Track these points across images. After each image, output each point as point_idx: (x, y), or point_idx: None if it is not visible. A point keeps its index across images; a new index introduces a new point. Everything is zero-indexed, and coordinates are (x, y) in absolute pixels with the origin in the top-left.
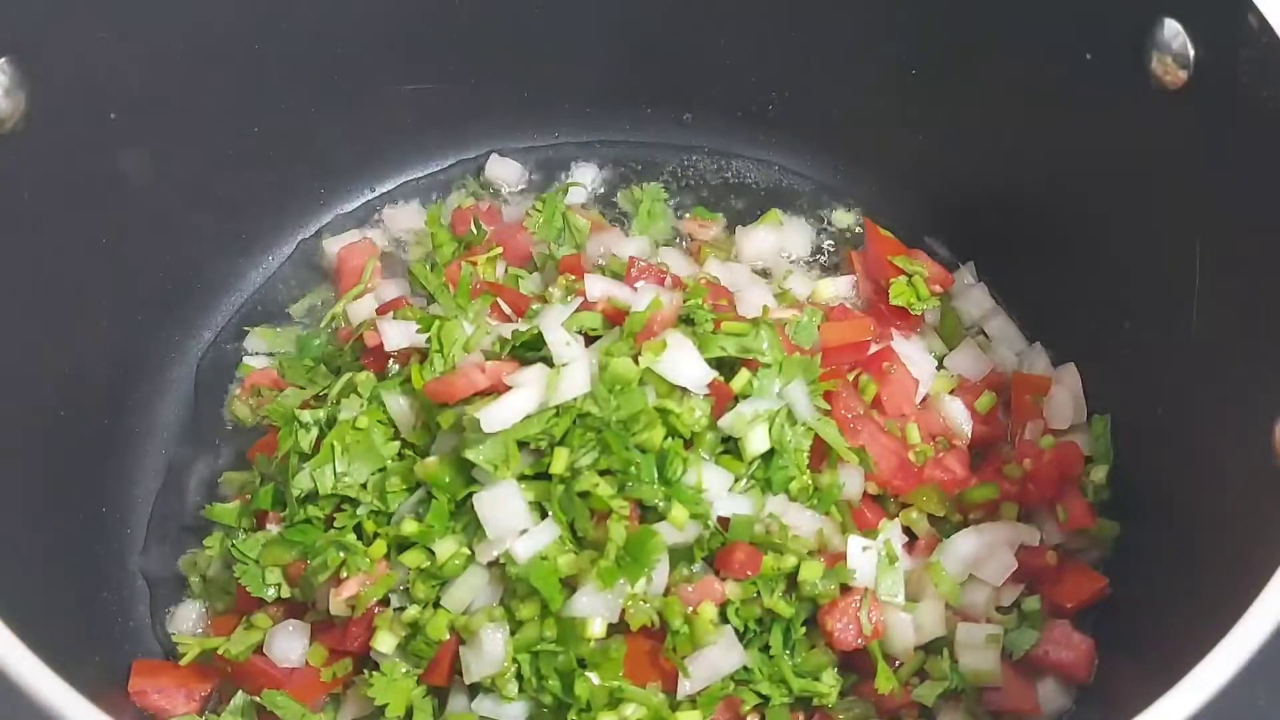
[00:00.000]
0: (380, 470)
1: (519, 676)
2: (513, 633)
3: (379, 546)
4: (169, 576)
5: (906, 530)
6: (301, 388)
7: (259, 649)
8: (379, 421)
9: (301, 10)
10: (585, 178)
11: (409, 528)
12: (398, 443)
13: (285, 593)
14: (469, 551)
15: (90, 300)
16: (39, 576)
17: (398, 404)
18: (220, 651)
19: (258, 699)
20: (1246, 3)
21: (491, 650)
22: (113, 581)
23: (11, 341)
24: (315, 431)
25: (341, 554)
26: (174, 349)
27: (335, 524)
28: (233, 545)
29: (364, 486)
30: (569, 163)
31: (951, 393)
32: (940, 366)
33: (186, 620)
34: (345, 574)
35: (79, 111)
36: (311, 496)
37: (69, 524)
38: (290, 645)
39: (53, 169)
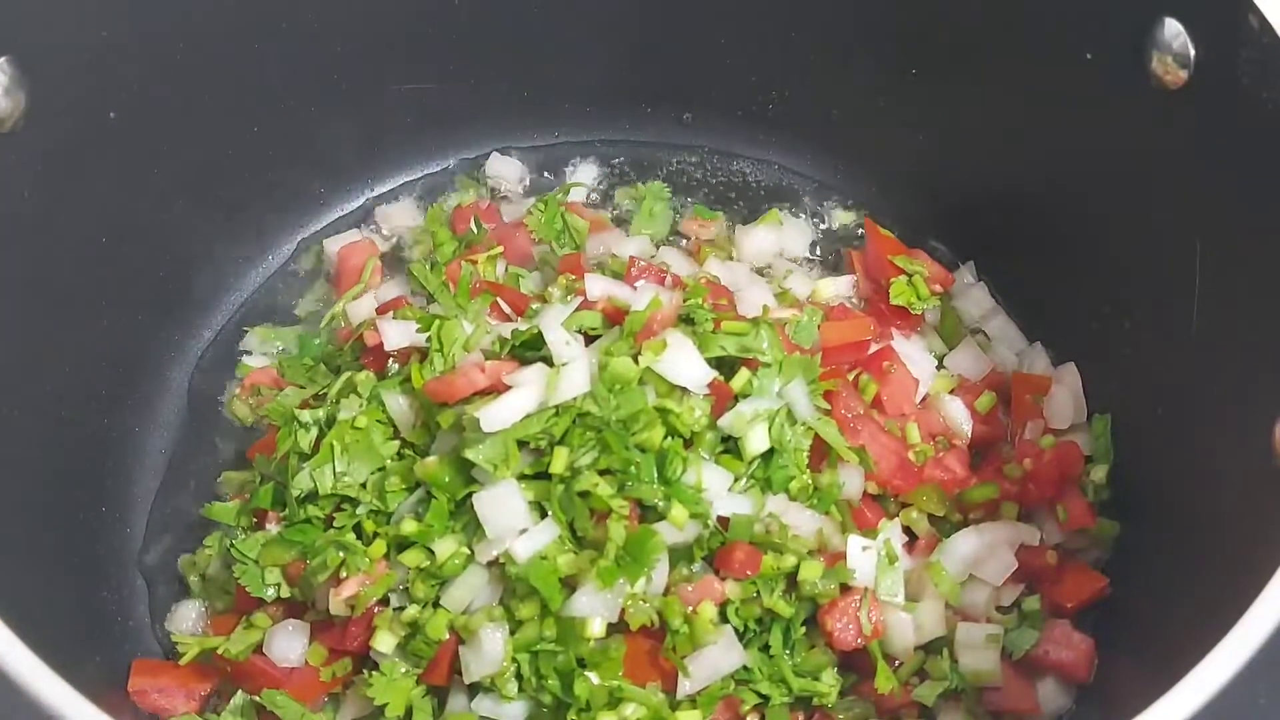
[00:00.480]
0: (380, 470)
1: (519, 676)
2: (512, 632)
3: (379, 546)
4: (169, 576)
5: (906, 530)
6: (301, 386)
7: (259, 648)
8: (378, 421)
9: (301, 10)
10: (586, 177)
11: (408, 527)
12: (397, 442)
13: (285, 593)
14: (469, 551)
15: (90, 299)
16: (39, 576)
17: (397, 403)
18: (220, 651)
19: (257, 699)
20: (1247, 3)
21: (491, 650)
22: (113, 581)
23: (11, 341)
24: (315, 431)
25: (341, 554)
26: (174, 348)
27: (335, 524)
28: (232, 545)
29: (363, 486)
30: (569, 161)
31: (951, 392)
32: (940, 366)
33: (186, 620)
34: (345, 574)
35: (79, 111)
36: (311, 496)
37: (69, 523)
38: (290, 645)
39: (53, 168)
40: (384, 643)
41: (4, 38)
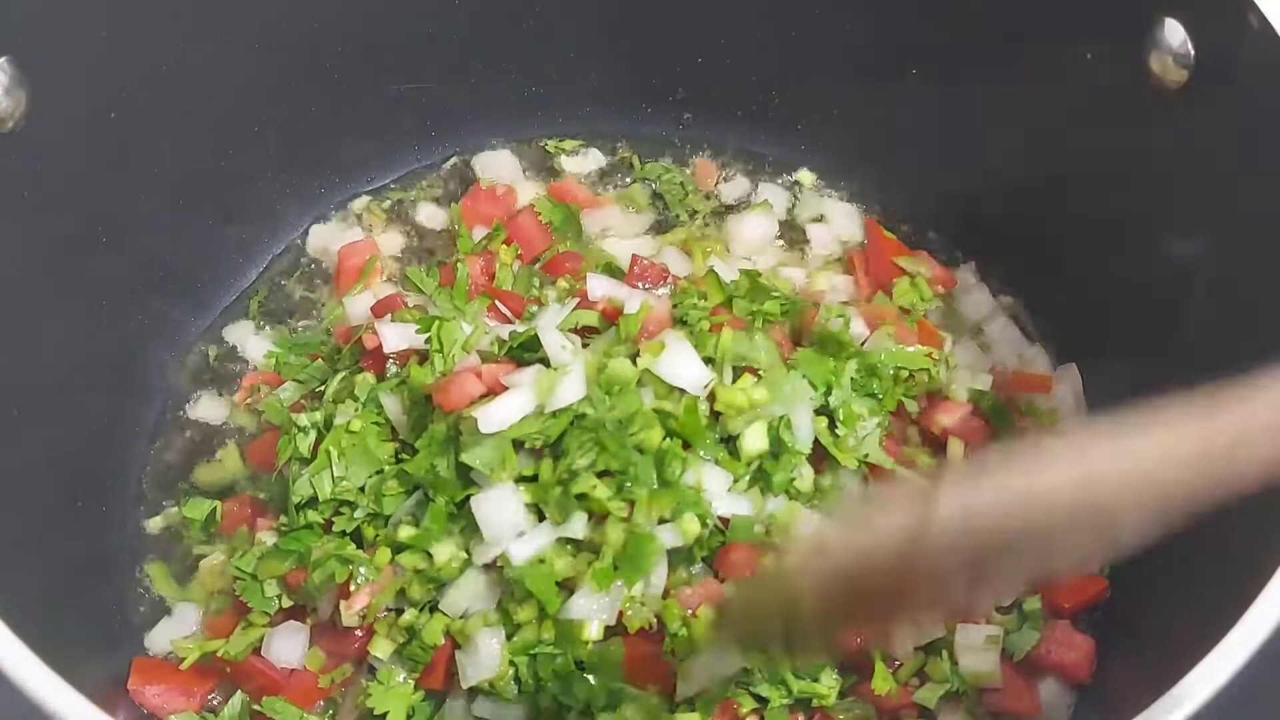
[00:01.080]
0: (378, 473)
1: (517, 679)
2: (511, 635)
3: (384, 554)
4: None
5: None
6: (301, 382)
7: (257, 648)
8: (374, 423)
9: (301, 10)
10: (587, 163)
11: (405, 533)
12: (394, 444)
13: (286, 602)
14: (466, 554)
15: (89, 300)
16: (39, 576)
17: (394, 405)
18: (219, 653)
19: (257, 707)
20: (1247, 2)
21: (488, 655)
22: (113, 581)
23: (9, 342)
24: (313, 435)
25: (348, 566)
26: (174, 347)
27: (333, 528)
28: (234, 565)
29: (361, 490)
30: (568, 158)
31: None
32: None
33: (183, 624)
34: (354, 586)
35: (79, 111)
36: (311, 502)
37: (69, 523)
38: (289, 646)
39: (52, 168)
40: (382, 649)
41: (4, 38)
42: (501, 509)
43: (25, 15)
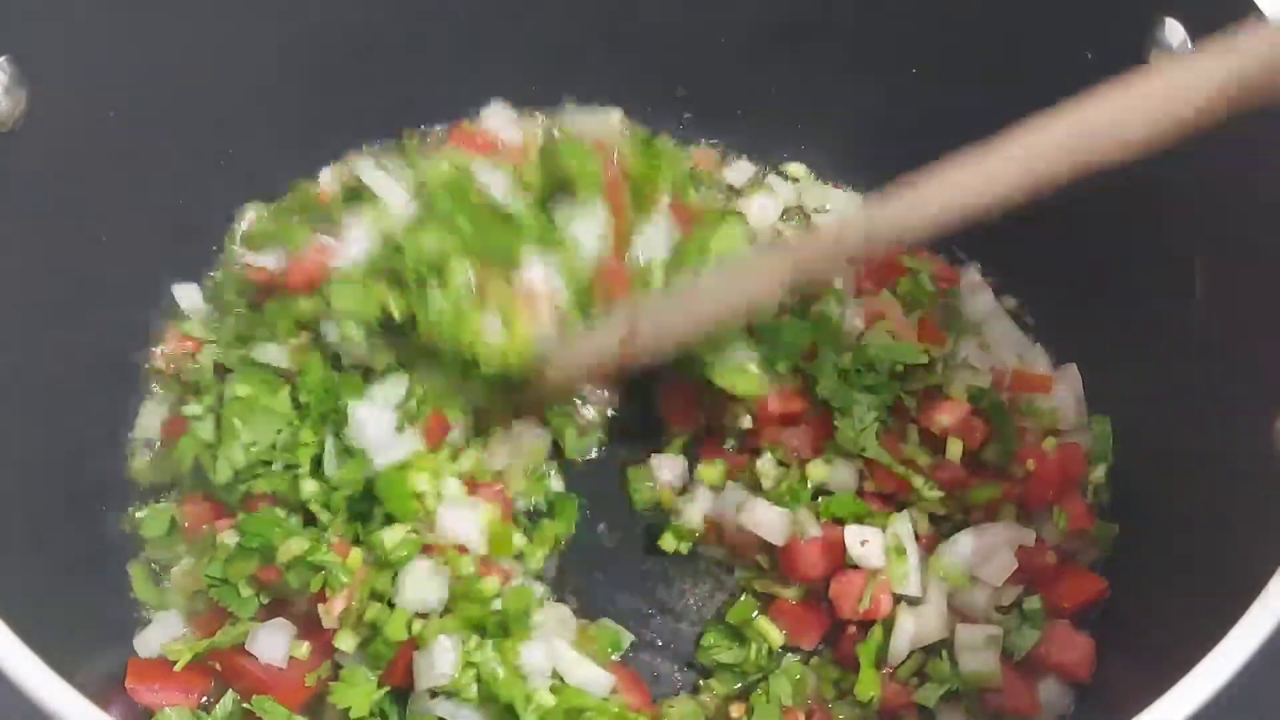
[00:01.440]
0: (287, 425)
1: (478, 681)
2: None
3: (356, 557)
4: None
5: None
6: (212, 342)
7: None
8: (261, 380)
9: (302, 10)
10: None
11: (309, 487)
12: (286, 389)
13: (265, 599)
14: (416, 535)
15: (89, 299)
16: (39, 576)
17: (272, 343)
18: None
19: (247, 706)
20: (1247, 2)
21: (442, 663)
22: (112, 581)
23: (7, 342)
24: (210, 418)
25: (322, 574)
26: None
27: (253, 490)
28: (204, 575)
29: (274, 447)
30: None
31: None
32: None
33: (169, 628)
34: (330, 592)
35: (79, 111)
36: (237, 478)
37: (68, 523)
38: (274, 644)
39: (53, 168)
40: (346, 642)
41: (4, 38)
42: (373, 416)
43: (25, 15)
